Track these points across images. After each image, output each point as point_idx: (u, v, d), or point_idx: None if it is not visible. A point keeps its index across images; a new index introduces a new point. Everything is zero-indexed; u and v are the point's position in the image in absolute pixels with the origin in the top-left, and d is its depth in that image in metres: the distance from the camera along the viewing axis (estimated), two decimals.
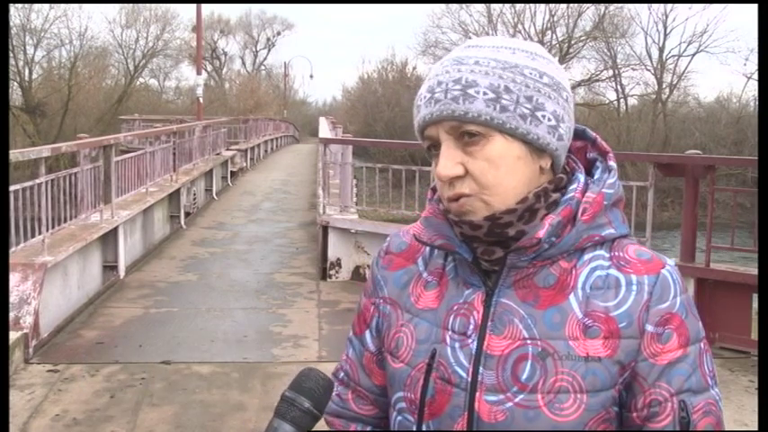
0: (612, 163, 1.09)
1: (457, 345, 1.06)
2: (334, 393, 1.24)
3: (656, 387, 1.01)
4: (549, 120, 1.02)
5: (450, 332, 1.07)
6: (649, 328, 1.01)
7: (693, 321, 1.03)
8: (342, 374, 1.24)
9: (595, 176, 1.08)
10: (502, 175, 1.00)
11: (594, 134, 1.13)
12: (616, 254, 1.05)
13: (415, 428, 1.08)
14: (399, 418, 1.11)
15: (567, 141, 1.06)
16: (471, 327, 1.05)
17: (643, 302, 1.01)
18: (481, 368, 1.03)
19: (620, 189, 1.08)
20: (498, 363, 1.02)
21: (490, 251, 1.04)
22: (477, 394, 1.02)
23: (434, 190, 1.12)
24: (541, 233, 1.01)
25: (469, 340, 1.05)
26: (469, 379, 1.03)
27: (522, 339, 1.02)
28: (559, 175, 1.06)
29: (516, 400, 1.01)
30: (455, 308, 1.08)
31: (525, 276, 1.04)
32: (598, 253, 1.05)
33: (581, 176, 1.07)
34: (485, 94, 0.99)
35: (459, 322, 1.07)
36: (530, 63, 1.03)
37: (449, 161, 1.01)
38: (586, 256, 1.05)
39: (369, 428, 1.22)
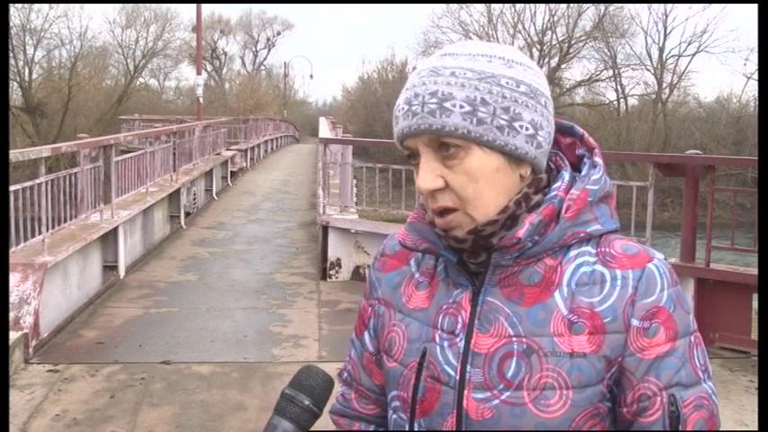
0: (598, 159, 1.09)
1: (446, 343, 1.07)
2: (338, 393, 1.26)
3: (644, 381, 1.00)
4: (527, 129, 1.02)
5: (439, 331, 1.08)
6: (635, 322, 1.00)
7: (683, 315, 1.03)
8: (345, 375, 1.27)
9: (582, 173, 1.08)
10: (482, 188, 1.01)
11: (582, 130, 1.13)
12: (602, 249, 1.05)
13: (407, 427, 1.10)
14: (394, 416, 1.13)
15: (547, 146, 1.06)
16: (459, 326, 1.07)
17: (628, 297, 1.01)
18: (469, 366, 1.04)
19: (606, 184, 1.07)
20: (485, 361, 1.03)
21: (475, 254, 1.05)
22: (466, 392, 1.04)
23: None
24: (521, 233, 1.01)
25: (458, 339, 1.06)
26: (458, 377, 1.05)
27: (508, 337, 1.03)
28: (539, 176, 1.07)
29: (503, 397, 1.01)
30: (444, 307, 1.09)
31: (510, 275, 1.05)
32: (584, 249, 1.05)
33: (566, 174, 1.08)
34: (461, 107, 0.99)
35: (448, 321, 1.08)
36: (506, 72, 1.02)
37: (428, 174, 1.01)
38: (572, 253, 1.05)
39: (372, 427, 1.24)
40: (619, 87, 39.60)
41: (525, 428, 1.00)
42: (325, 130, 18.19)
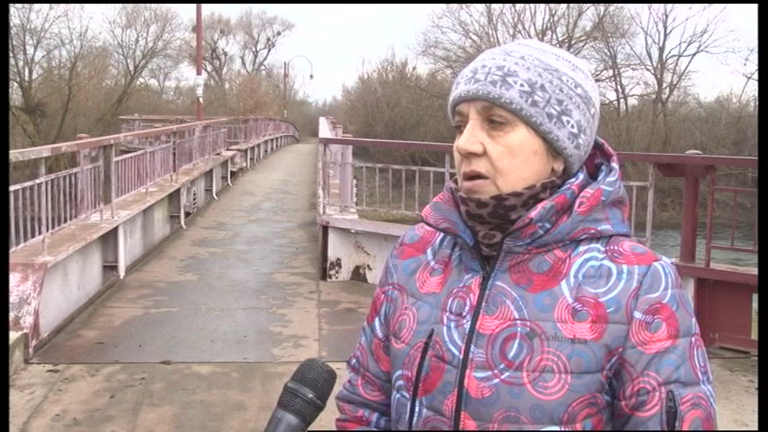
0: (615, 165, 1.15)
1: (452, 324, 1.11)
2: (345, 379, 1.30)
3: (644, 375, 1.03)
4: (573, 127, 1.09)
5: (447, 313, 1.12)
6: (638, 315, 1.03)
7: (685, 315, 1.05)
8: (354, 361, 1.30)
9: (599, 178, 1.13)
10: (516, 164, 1.07)
11: (602, 140, 1.18)
12: (611, 248, 1.09)
13: (409, 405, 1.13)
14: (398, 395, 1.16)
15: (584, 154, 1.12)
16: (467, 308, 1.11)
17: (632, 290, 1.04)
18: (473, 346, 1.08)
19: (620, 189, 1.13)
20: (488, 341, 1.07)
21: (490, 235, 1.10)
22: (468, 371, 1.07)
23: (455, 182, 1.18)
24: (533, 213, 1.06)
25: (464, 320, 1.10)
26: (461, 357, 1.08)
27: (512, 320, 1.07)
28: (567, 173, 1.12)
29: (503, 377, 1.05)
30: (454, 291, 1.14)
31: (521, 262, 1.09)
32: (593, 246, 1.10)
33: (581, 174, 1.12)
34: (521, 85, 1.06)
35: (457, 304, 1.12)
36: (569, 72, 1.10)
37: (471, 137, 1.08)
38: (581, 248, 1.09)
39: (375, 415, 1.27)
40: (619, 87, 39.58)
41: (522, 408, 1.03)
42: (325, 130, 18.19)
